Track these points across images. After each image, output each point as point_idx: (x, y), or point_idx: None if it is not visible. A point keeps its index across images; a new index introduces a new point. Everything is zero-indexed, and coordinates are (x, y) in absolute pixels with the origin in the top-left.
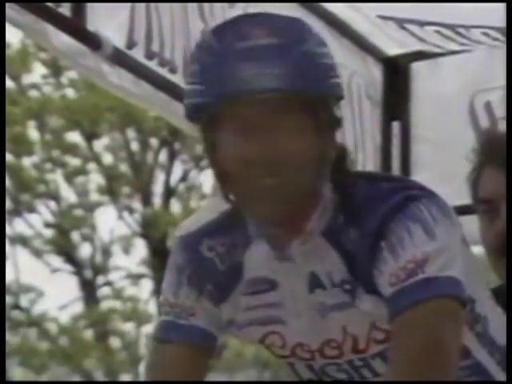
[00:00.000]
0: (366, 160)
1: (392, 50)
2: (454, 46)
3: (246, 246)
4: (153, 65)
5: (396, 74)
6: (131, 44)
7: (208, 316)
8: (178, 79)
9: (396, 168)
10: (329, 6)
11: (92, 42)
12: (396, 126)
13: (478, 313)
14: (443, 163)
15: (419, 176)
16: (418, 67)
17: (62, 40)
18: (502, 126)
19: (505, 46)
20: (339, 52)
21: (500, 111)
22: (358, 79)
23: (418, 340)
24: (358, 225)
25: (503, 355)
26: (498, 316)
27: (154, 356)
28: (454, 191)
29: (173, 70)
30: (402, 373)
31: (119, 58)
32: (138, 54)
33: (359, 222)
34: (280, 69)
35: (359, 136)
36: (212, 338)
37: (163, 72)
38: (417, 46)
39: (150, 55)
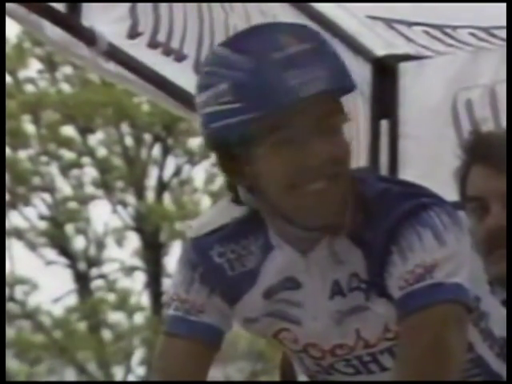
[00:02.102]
0: (359, 155)
1: (380, 50)
2: (441, 47)
3: (266, 253)
4: (155, 53)
5: (384, 74)
6: (134, 34)
7: (217, 313)
8: (176, 72)
9: (384, 165)
10: (319, 6)
11: (87, 37)
12: (384, 123)
13: (483, 310)
14: (430, 160)
15: (406, 172)
16: (405, 67)
17: (57, 33)
18: (483, 125)
19: (491, 46)
20: None
21: (480, 110)
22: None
23: (424, 343)
24: (372, 226)
25: (501, 347)
26: (497, 309)
27: (162, 349)
28: (440, 188)
29: (178, 59)
30: (407, 375)
31: (114, 54)
32: (140, 44)
33: (373, 223)
34: (323, 71)
35: (354, 132)
36: (219, 333)
37: (166, 61)
38: (405, 47)
39: (153, 44)
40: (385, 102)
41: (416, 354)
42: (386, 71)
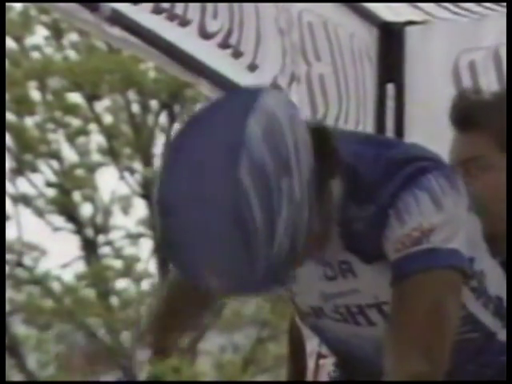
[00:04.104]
0: (366, 118)
1: (387, 15)
2: (446, 15)
3: None
4: (159, 19)
5: (391, 38)
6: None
7: None
8: (180, 37)
9: (390, 129)
10: None
11: (90, 4)
12: (390, 87)
13: (475, 269)
14: (436, 124)
15: (412, 136)
16: (411, 31)
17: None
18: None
19: (496, 13)
20: (337, 16)
21: (484, 72)
22: (358, 42)
23: (418, 307)
24: (371, 200)
25: (496, 306)
26: (494, 268)
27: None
28: (446, 152)
29: (182, 24)
30: (401, 339)
31: (118, 19)
32: (144, 10)
33: (373, 197)
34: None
35: (362, 96)
36: None
37: (170, 25)
38: (410, 14)
39: (157, 11)
40: (391, 66)
41: (410, 317)
42: (392, 35)
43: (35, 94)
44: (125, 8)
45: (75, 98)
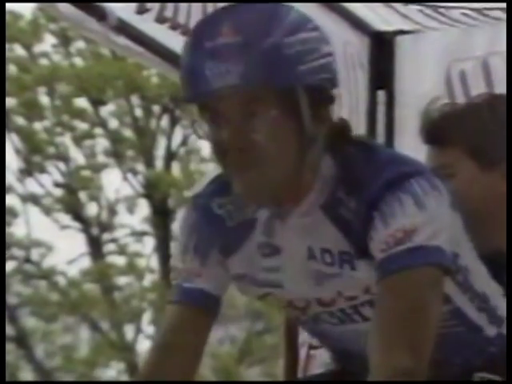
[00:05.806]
0: (359, 123)
1: (378, 25)
2: (434, 24)
3: (257, 207)
4: (163, 28)
5: (382, 47)
6: (142, 10)
7: (213, 278)
8: (182, 44)
9: (381, 133)
10: None
11: (97, 12)
12: (381, 93)
13: (460, 264)
14: None
15: (401, 141)
16: (402, 40)
17: (70, 8)
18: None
19: (485, 24)
20: (330, 25)
21: (474, 81)
22: (351, 49)
23: (402, 304)
24: (357, 195)
25: (483, 301)
26: (478, 266)
27: (166, 316)
28: None
29: (185, 33)
30: (384, 336)
31: (123, 28)
32: (147, 19)
33: (358, 192)
34: (239, 66)
35: (354, 101)
36: (215, 300)
37: (173, 35)
38: (400, 24)
39: (161, 20)
40: (382, 73)
41: (393, 313)
42: (383, 44)
43: (44, 99)
44: (130, 17)
45: (82, 102)
